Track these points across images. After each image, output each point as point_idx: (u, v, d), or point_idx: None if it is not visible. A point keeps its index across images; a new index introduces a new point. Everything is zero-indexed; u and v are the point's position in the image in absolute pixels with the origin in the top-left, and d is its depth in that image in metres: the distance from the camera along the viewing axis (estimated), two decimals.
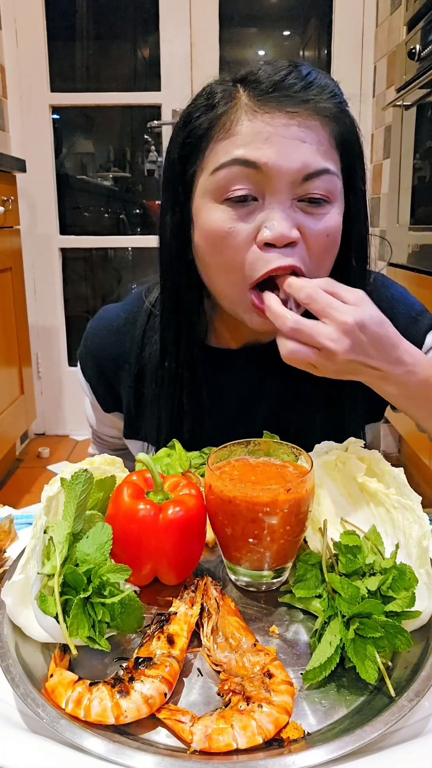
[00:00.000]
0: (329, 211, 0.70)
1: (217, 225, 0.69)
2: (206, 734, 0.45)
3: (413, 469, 2.27)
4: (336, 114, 0.70)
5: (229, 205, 0.69)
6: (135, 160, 3.07)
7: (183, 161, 0.73)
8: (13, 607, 0.54)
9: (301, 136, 0.67)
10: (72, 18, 2.81)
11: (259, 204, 0.69)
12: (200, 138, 0.71)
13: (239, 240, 0.69)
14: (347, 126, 0.72)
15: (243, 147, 0.67)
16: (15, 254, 2.45)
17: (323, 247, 0.71)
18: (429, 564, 0.57)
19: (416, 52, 1.86)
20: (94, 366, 0.92)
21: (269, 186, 0.67)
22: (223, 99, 0.70)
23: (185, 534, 0.59)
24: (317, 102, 0.68)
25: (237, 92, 0.69)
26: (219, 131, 0.69)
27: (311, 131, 0.67)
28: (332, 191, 0.70)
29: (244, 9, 2.80)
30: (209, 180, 0.70)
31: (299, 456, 0.64)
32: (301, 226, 0.69)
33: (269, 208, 0.68)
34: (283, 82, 0.67)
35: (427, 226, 1.86)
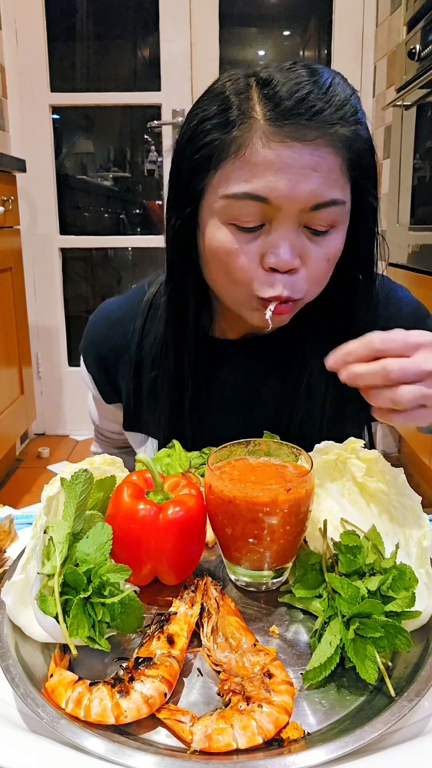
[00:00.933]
0: (332, 237, 0.72)
1: (224, 245, 0.71)
2: (206, 734, 0.45)
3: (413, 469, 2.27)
4: (350, 138, 0.69)
5: (237, 229, 0.70)
6: (135, 160, 3.07)
7: (192, 173, 0.72)
8: (13, 607, 0.54)
9: (312, 165, 0.67)
10: (72, 18, 2.81)
11: (266, 228, 0.70)
12: (211, 156, 0.70)
13: (245, 260, 0.71)
14: (361, 148, 0.71)
15: (254, 180, 0.67)
16: (15, 254, 2.45)
17: (322, 270, 0.73)
18: (429, 564, 0.57)
19: (416, 52, 1.86)
20: (95, 357, 0.94)
21: (277, 214, 0.68)
22: (239, 118, 0.68)
23: (185, 534, 0.59)
24: (332, 126, 0.67)
25: (253, 110, 0.67)
26: (232, 154, 0.68)
27: (323, 160, 0.67)
28: (336, 219, 0.71)
29: (244, 9, 2.80)
30: (218, 202, 0.70)
31: (299, 456, 0.64)
32: (303, 252, 0.71)
33: (275, 234, 0.69)
34: (301, 103, 0.66)
35: (427, 226, 1.86)
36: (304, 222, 0.70)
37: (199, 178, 0.72)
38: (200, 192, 0.73)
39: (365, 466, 0.66)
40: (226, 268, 0.73)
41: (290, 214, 0.68)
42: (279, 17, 2.88)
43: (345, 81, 0.71)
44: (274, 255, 0.69)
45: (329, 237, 0.72)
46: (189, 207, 0.74)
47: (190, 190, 0.73)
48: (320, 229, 0.70)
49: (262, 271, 0.71)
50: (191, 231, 0.76)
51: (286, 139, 0.66)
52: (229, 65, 2.78)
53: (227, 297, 0.78)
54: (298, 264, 0.70)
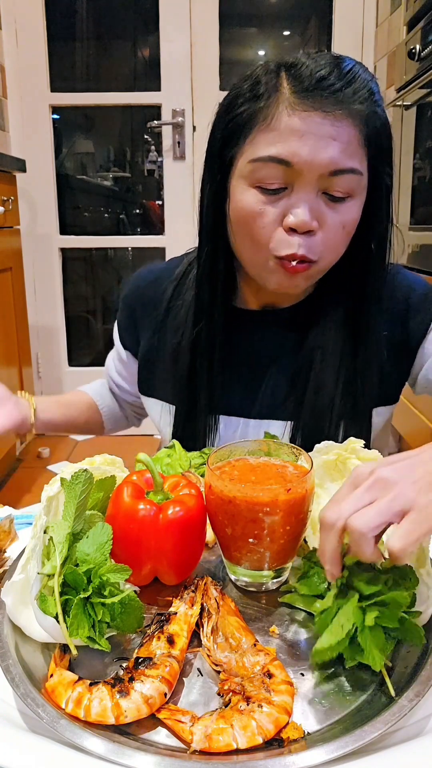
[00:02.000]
0: (348, 206, 0.77)
1: (249, 206, 0.77)
2: (206, 734, 0.45)
3: None
4: (368, 115, 0.75)
5: (261, 191, 0.76)
6: (135, 160, 3.07)
7: (224, 143, 0.79)
8: (13, 607, 0.54)
9: (332, 134, 0.73)
10: (72, 18, 2.81)
11: (287, 192, 0.76)
12: (243, 125, 0.77)
13: (267, 221, 0.77)
14: (378, 126, 0.77)
15: (279, 144, 0.73)
16: (15, 254, 2.45)
17: (338, 237, 0.78)
18: (429, 564, 0.57)
19: (416, 52, 1.86)
20: (127, 304, 1.01)
21: (299, 178, 0.74)
22: (267, 91, 0.75)
23: (185, 534, 0.59)
24: (351, 103, 0.73)
25: (281, 85, 0.74)
26: (260, 122, 0.75)
27: (342, 130, 0.73)
28: (354, 188, 0.76)
29: (244, 9, 2.80)
30: (246, 166, 0.77)
31: (299, 456, 0.64)
32: (321, 216, 0.76)
33: (296, 197, 0.75)
34: (323, 81, 0.73)
35: (427, 226, 1.86)
36: (323, 188, 0.75)
37: (230, 146, 0.79)
38: (231, 160, 0.79)
39: None
40: (250, 229, 0.78)
41: (310, 178, 0.74)
42: (279, 17, 2.88)
43: (366, 69, 0.78)
44: (294, 215, 0.75)
45: (346, 205, 0.77)
46: (220, 174, 0.81)
47: (222, 158, 0.80)
48: (338, 195, 0.75)
49: (281, 231, 0.77)
50: (222, 199, 0.82)
51: (309, 109, 0.72)
52: (229, 65, 2.78)
53: (249, 262, 0.83)
54: (315, 225, 0.76)
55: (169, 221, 2.91)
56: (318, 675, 0.52)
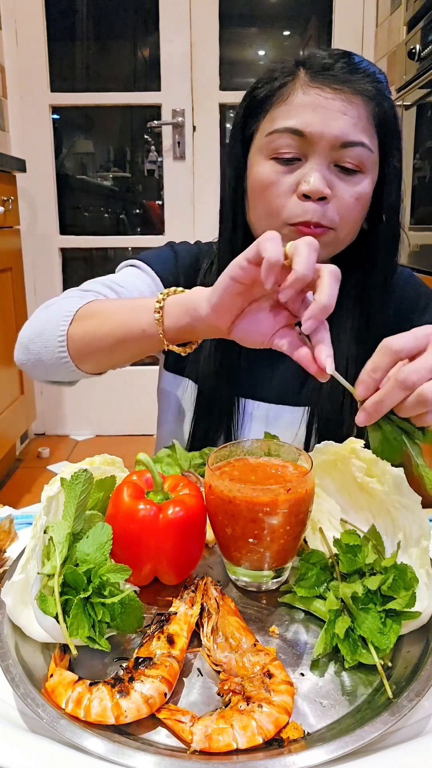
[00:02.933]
0: (360, 180, 0.81)
1: (266, 176, 0.82)
2: (206, 734, 0.45)
3: None
4: (376, 96, 0.80)
5: (277, 162, 0.81)
6: (135, 160, 3.07)
7: (245, 121, 0.86)
8: (13, 607, 0.54)
9: (343, 109, 0.78)
10: (72, 18, 2.81)
11: (301, 162, 0.81)
12: (261, 103, 0.84)
13: (282, 189, 0.81)
14: (386, 108, 0.82)
15: (294, 117, 0.79)
16: (15, 254, 2.45)
17: (352, 208, 0.81)
18: (429, 564, 0.57)
19: (416, 52, 1.86)
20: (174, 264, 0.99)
21: (311, 148, 0.79)
22: (283, 74, 0.82)
23: (185, 534, 0.59)
24: (360, 84, 0.80)
25: (298, 70, 0.82)
26: (278, 99, 0.82)
27: (352, 107, 0.79)
28: (364, 162, 0.80)
29: (244, 9, 2.80)
30: (264, 140, 0.82)
31: (299, 456, 0.64)
32: (333, 186, 0.80)
33: (310, 166, 0.80)
34: (335, 64, 0.80)
35: (427, 226, 1.86)
36: (335, 159, 0.80)
37: (250, 123, 0.85)
38: (251, 136, 0.85)
39: (365, 466, 0.66)
40: (266, 199, 0.83)
41: (322, 149, 0.79)
42: (279, 17, 2.88)
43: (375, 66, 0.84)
44: (306, 183, 0.79)
45: (357, 177, 0.81)
46: (242, 150, 0.87)
47: (243, 134, 0.86)
48: (349, 166, 0.80)
49: (295, 199, 0.81)
50: (241, 175, 0.87)
51: (320, 85, 0.79)
52: (229, 65, 2.78)
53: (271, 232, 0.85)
54: (328, 192, 0.79)
55: (169, 221, 2.91)
56: (318, 675, 0.52)
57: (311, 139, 0.78)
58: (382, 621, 0.53)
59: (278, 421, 0.94)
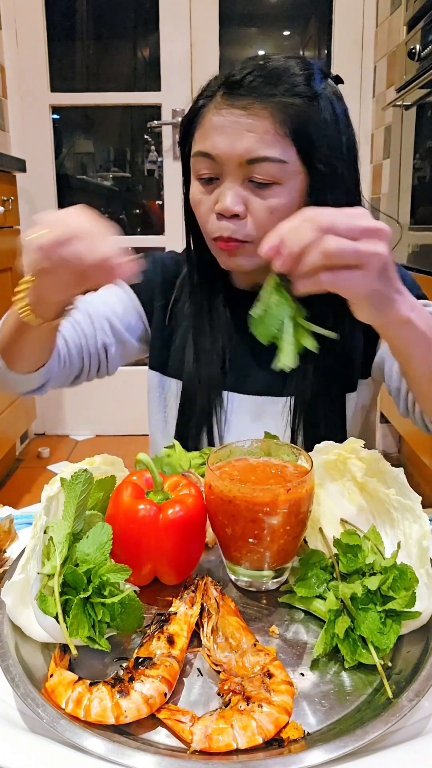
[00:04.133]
0: (275, 193, 0.82)
1: (193, 196, 0.88)
2: (206, 734, 0.45)
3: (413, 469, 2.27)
4: (290, 107, 0.80)
5: (200, 182, 0.86)
6: (135, 160, 3.07)
7: (183, 140, 0.91)
8: (13, 607, 0.54)
9: (249, 127, 0.80)
10: (72, 18, 2.81)
11: (219, 182, 0.84)
12: (188, 126, 0.88)
13: (205, 208, 0.86)
14: (302, 116, 0.81)
15: (205, 140, 0.83)
16: (15, 254, 2.45)
17: (268, 222, 0.82)
18: (429, 564, 0.57)
19: (416, 52, 1.86)
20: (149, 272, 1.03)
21: (223, 169, 0.83)
22: (204, 95, 0.85)
23: (185, 534, 0.59)
24: (270, 96, 0.80)
25: (217, 90, 0.83)
26: (198, 122, 0.85)
27: (259, 122, 0.80)
28: (276, 175, 0.81)
29: (244, 9, 2.80)
30: (192, 161, 0.87)
31: (299, 456, 0.64)
32: (248, 202, 0.83)
33: (224, 185, 0.83)
34: (243, 80, 0.81)
35: (427, 226, 1.86)
36: (247, 176, 0.82)
37: (185, 144, 0.90)
38: (188, 155, 0.89)
39: (365, 466, 0.66)
40: (197, 216, 0.88)
41: (231, 168, 0.82)
42: (279, 17, 2.88)
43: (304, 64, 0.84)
44: (220, 202, 0.83)
45: (272, 191, 0.82)
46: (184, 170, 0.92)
47: (183, 154, 0.91)
48: (260, 181, 0.81)
49: (214, 217, 0.85)
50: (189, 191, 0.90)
51: (229, 106, 0.81)
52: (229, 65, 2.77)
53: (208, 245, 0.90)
54: (240, 210, 0.82)
55: (169, 221, 2.91)
56: (318, 675, 0.52)
57: (220, 161, 0.82)
58: (382, 621, 0.53)
59: (264, 413, 0.95)
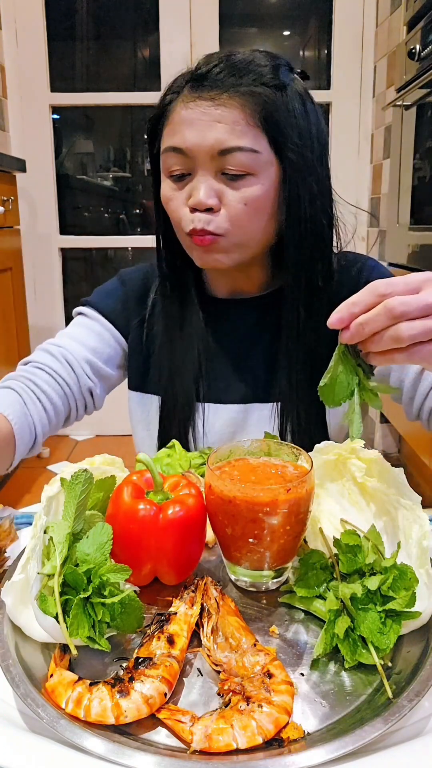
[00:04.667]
0: (249, 183, 0.81)
1: (165, 194, 0.86)
2: (206, 734, 0.45)
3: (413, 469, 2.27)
4: (258, 96, 0.80)
5: (172, 179, 0.85)
6: (135, 160, 3.07)
7: (150, 141, 0.90)
8: (13, 607, 0.54)
9: (218, 117, 0.79)
10: (72, 18, 2.81)
11: (191, 177, 0.83)
12: (155, 124, 0.87)
13: (176, 204, 0.85)
14: (270, 105, 0.80)
15: (174, 135, 0.82)
16: (15, 254, 2.45)
17: (242, 213, 0.82)
18: (429, 564, 0.57)
19: (416, 52, 1.86)
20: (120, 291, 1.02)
21: (194, 162, 0.81)
22: (171, 91, 0.85)
23: (185, 534, 0.59)
24: (238, 86, 0.79)
25: (182, 86, 0.83)
26: (166, 118, 0.84)
27: (228, 112, 0.79)
28: (249, 165, 0.80)
29: (244, 9, 2.80)
30: (161, 159, 0.86)
31: (299, 456, 0.64)
32: (221, 195, 0.82)
33: (196, 179, 0.82)
34: (209, 72, 0.80)
35: (427, 226, 1.86)
36: (219, 168, 0.81)
37: (153, 144, 0.89)
38: (156, 156, 0.88)
39: (365, 466, 0.66)
40: (169, 213, 0.87)
41: (203, 160, 0.81)
42: (279, 17, 2.88)
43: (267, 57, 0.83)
44: (193, 197, 0.82)
45: (245, 182, 0.81)
46: (154, 171, 0.91)
47: (152, 155, 0.90)
48: (233, 172, 0.80)
49: (186, 211, 0.84)
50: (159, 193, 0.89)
51: (196, 99, 0.80)
52: None
53: (182, 245, 0.89)
54: (213, 203, 0.81)
55: None
56: (318, 675, 0.52)
57: (191, 155, 0.81)
58: (382, 621, 0.53)
59: (248, 420, 0.95)
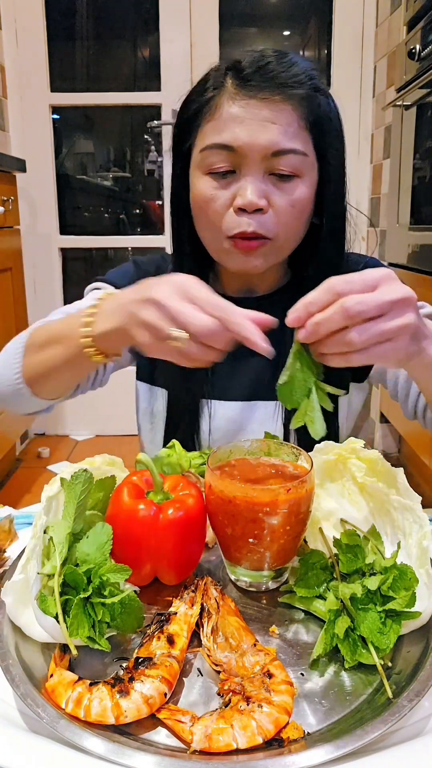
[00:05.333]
0: (296, 185, 0.81)
1: (203, 192, 0.82)
2: (206, 734, 0.45)
3: (413, 469, 2.27)
4: (309, 98, 0.80)
5: (213, 177, 0.82)
6: (135, 160, 3.07)
7: (180, 137, 0.87)
8: (13, 607, 0.54)
9: (271, 117, 0.78)
10: (72, 18, 2.81)
11: (236, 176, 0.81)
12: (193, 118, 0.84)
13: (219, 204, 0.82)
14: (319, 109, 0.81)
15: (223, 131, 0.79)
16: (15, 254, 2.45)
17: (289, 215, 0.81)
18: (429, 564, 0.57)
19: (416, 52, 1.86)
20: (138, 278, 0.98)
21: (243, 162, 0.79)
22: (213, 85, 0.82)
23: (185, 534, 0.59)
24: (290, 88, 0.78)
25: (225, 81, 0.81)
26: (207, 114, 0.81)
27: (282, 114, 0.78)
28: (299, 168, 0.80)
29: (244, 9, 2.80)
30: (198, 156, 0.83)
31: (299, 456, 0.64)
32: (269, 196, 0.80)
33: (243, 179, 0.80)
34: (260, 69, 0.78)
35: (427, 226, 1.86)
36: (269, 169, 0.79)
37: (185, 138, 0.86)
38: (188, 151, 0.86)
39: (365, 466, 0.66)
40: (205, 215, 0.83)
41: (254, 160, 0.79)
42: (279, 17, 2.88)
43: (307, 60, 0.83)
44: (241, 197, 0.79)
45: (293, 184, 0.80)
46: (181, 167, 0.88)
47: (180, 149, 0.87)
48: (283, 173, 0.79)
49: (231, 213, 0.81)
50: (185, 189, 0.87)
51: (247, 97, 0.78)
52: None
53: (210, 247, 0.87)
54: (264, 204, 0.79)
55: (169, 221, 2.91)
56: (318, 675, 0.52)
57: (242, 153, 0.78)
58: (382, 621, 0.53)
59: (252, 418, 0.95)
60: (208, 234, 0.85)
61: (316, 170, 0.83)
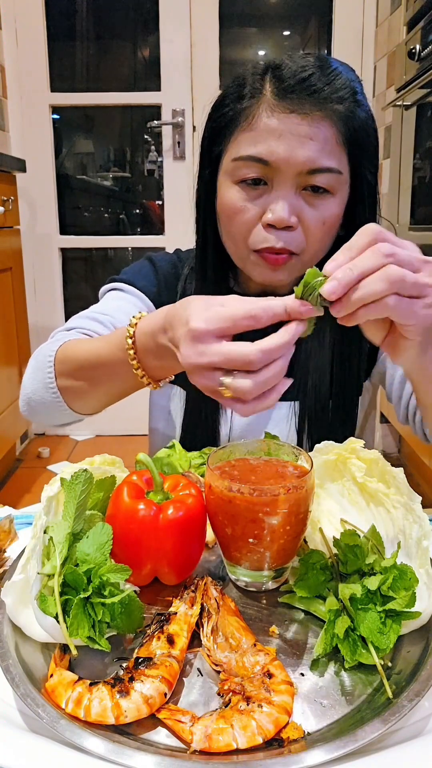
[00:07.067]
0: (328, 202, 0.79)
1: (232, 202, 0.80)
2: (206, 734, 0.45)
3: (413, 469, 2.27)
4: (348, 115, 0.77)
5: (243, 187, 0.79)
6: (135, 160, 3.07)
7: (212, 140, 0.84)
8: (13, 607, 0.54)
9: (309, 134, 0.75)
10: (72, 18, 2.81)
11: (267, 188, 0.78)
12: (227, 125, 0.81)
13: (248, 217, 0.80)
14: (358, 126, 0.79)
15: (259, 144, 0.77)
16: (15, 254, 2.45)
17: (319, 232, 0.80)
18: (429, 564, 0.57)
19: (416, 52, 1.86)
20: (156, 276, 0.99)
21: (278, 176, 0.77)
22: (251, 92, 0.78)
23: (185, 534, 0.59)
24: (330, 104, 0.76)
25: (264, 87, 0.77)
26: (243, 122, 0.78)
27: (320, 130, 0.76)
28: (333, 185, 0.78)
29: (244, 9, 2.80)
30: (230, 164, 0.80)
31: (299, 456, 0.64)
32: (300, 213, 0.78)
33: (275, 194, 0.78)
34: (303, 82, 0.75)
35: (427, 226, 1.86)
36: (302, 184, 0.78)
37: (216, 144, 0.83)
38: (218, 156, 0.83)
39: (365, 466, 0.66)
40: (232, 224, 0.81)
41: (288, 176, 0.76)
42: (279, 17, 2.88)
43: (351, 70, 0.81)
44: (272, 212, 0.77)
45: (326, 201, 0.79)
46: (209, 170, 0.85)
47: (210, 154, 0.85)
48: (319, 186, 0.77)
49: (260, 227, 0.79)
50: (211, 193, 0.86)
51: (287, 110, 0.75)
52: (229, 65, 2.77)
53: (234, 255, 0.86)
54: (294, 221, 0.78)
55: (169, 221, 2.91)
56: (318, 675, 0.52)
57: (276, 167, 0.76)
58: (382, 621, 0.53)
59: (268, 418, 0.95)
60: (234, 244, 0.84)
61: (348, 185, 0.81)
